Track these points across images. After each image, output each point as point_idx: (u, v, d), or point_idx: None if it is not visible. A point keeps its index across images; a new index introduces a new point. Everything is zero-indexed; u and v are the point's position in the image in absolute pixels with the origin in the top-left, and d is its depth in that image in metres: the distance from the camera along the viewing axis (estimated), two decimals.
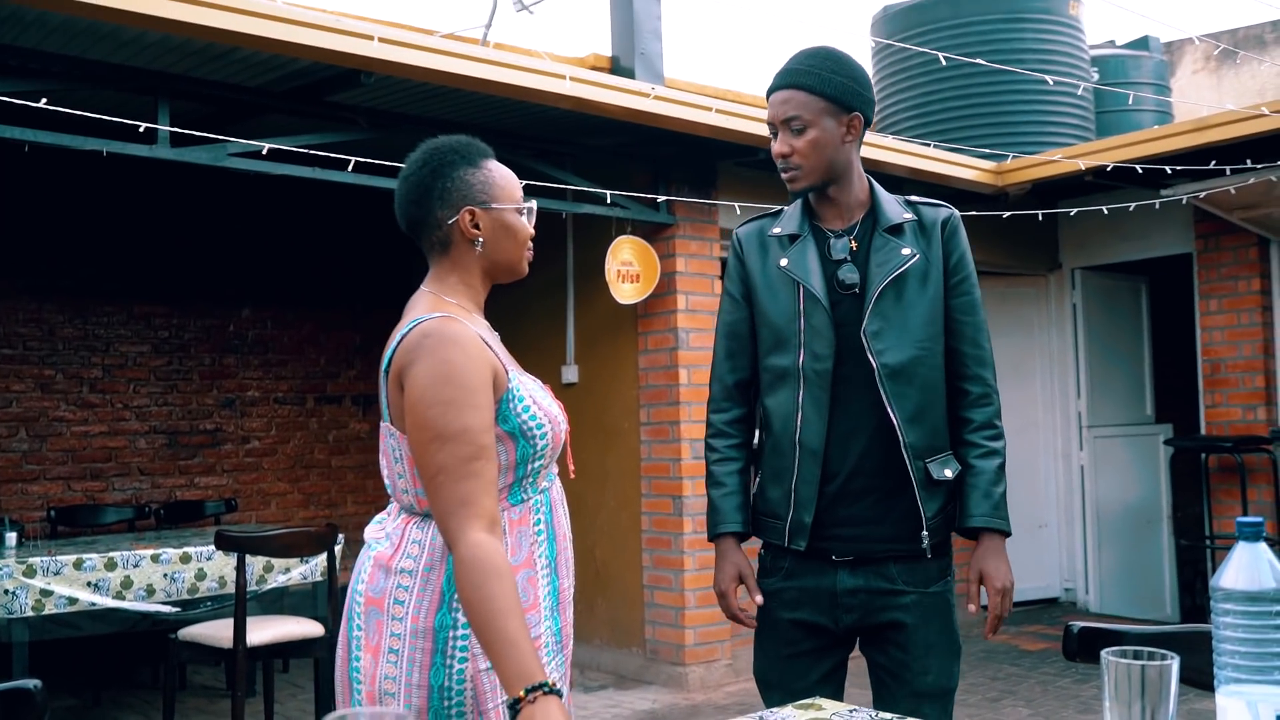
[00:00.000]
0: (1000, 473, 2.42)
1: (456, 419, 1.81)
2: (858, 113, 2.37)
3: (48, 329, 7.02)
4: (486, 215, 1.99)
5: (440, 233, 2.00)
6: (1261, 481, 7.09)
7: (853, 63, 2.41)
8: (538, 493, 1.97)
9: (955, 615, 2.42)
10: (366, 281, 8.16)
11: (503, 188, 2.02)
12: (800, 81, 2.36)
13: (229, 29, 4.15)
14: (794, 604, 2.42)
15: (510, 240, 2.03)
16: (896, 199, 2.48)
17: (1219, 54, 11.72)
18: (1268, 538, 6.72)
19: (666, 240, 6.29)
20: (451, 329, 1.87)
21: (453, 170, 1.99)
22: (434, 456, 1.82)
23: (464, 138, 2.06)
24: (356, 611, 1.94)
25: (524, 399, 1.92)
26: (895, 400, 2.33)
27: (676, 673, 6.11)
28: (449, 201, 1.98)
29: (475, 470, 1.81)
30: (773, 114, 2.40)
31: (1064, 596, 8.28)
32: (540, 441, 1.93)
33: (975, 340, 2.43)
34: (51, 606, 4.65)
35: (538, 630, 1.91)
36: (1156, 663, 1.31)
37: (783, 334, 2.42)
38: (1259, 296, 7.20)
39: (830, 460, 2.36)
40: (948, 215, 2.46)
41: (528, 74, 4.98)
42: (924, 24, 8.20)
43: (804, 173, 2.38)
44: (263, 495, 7.76)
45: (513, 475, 1.92)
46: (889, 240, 2.39)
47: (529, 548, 1.94)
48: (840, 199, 2.44)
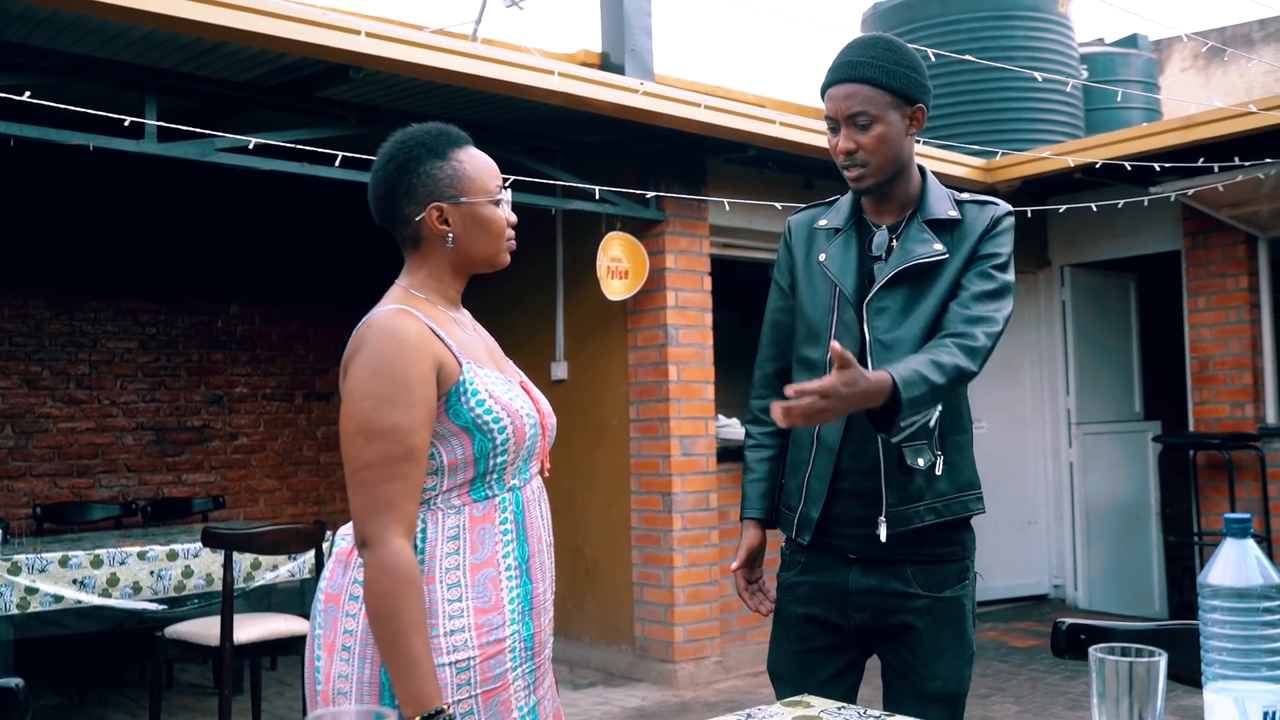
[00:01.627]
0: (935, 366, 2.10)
1: (386, 416, 1.78)
2: (921, 104, 2.31)
3: (34, 325, 6.98)
4: (455, 210, 1.93)
5: (410, 229, 1.95)
6: (1249, 478, 7.11)
7: (911, 51, 2.33)
8: (504, 490, 1.91)
9: (970, 621, 2.36)
10: (355, 277, 8.14)
11: (473, 179, 1.95)
12: (864, 75, 2.27)
13: (217, 23, 4.13)
14: (808, 599, 2.40)
15: (483, 233, 1.96)
16: (949, 195, 2.39)
17: (1207, 52, 11.75)
18: (1255, 534, 6.75)
19: (656, 237, 6.29)
20: (395, 322, 1.84)
21: (419, 165, 1.92)
22: (360, 452, 1.79)
23: (435, 127, 1.98)
24: (317, 609, 1.92)
25: (478, 393, 1.86)
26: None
27: (666, 670, 6.10)
28: (415, 198, 1.92)
29: (402, 472, 1.78)
30: (835, 109, 2.30)
31: (1053, 593, 8.30)
32: (500, 437, 1.86)
33: (970, 303, 2.24)
34: (37, 604, 4.63)
35: (501, 634, 1.85)
36: (1144, 660, 1.31)
37: (815, 328, 2.38)
38: (1247, 294, 7.22)
39: (844, 457, 2.32)
40: (993, 213, 2.34)
41: (517, 70, 4.97)
42: (914, 21, 8.22)
43: (871, 170, 2.30)
44: (251, 492, 7.74)
45: (473, 470, 1.87)
46: (924, 231, 2.32)
47: (492, 547, 1.88)
48: (895, 194, 2.37)
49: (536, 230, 6.68)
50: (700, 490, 6.24)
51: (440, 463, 1.85)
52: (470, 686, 1.82)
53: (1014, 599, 8.12)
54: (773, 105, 7.66)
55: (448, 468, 1.86)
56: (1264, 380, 7.25)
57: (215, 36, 4.28)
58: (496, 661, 1.85)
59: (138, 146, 4.51)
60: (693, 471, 6.21)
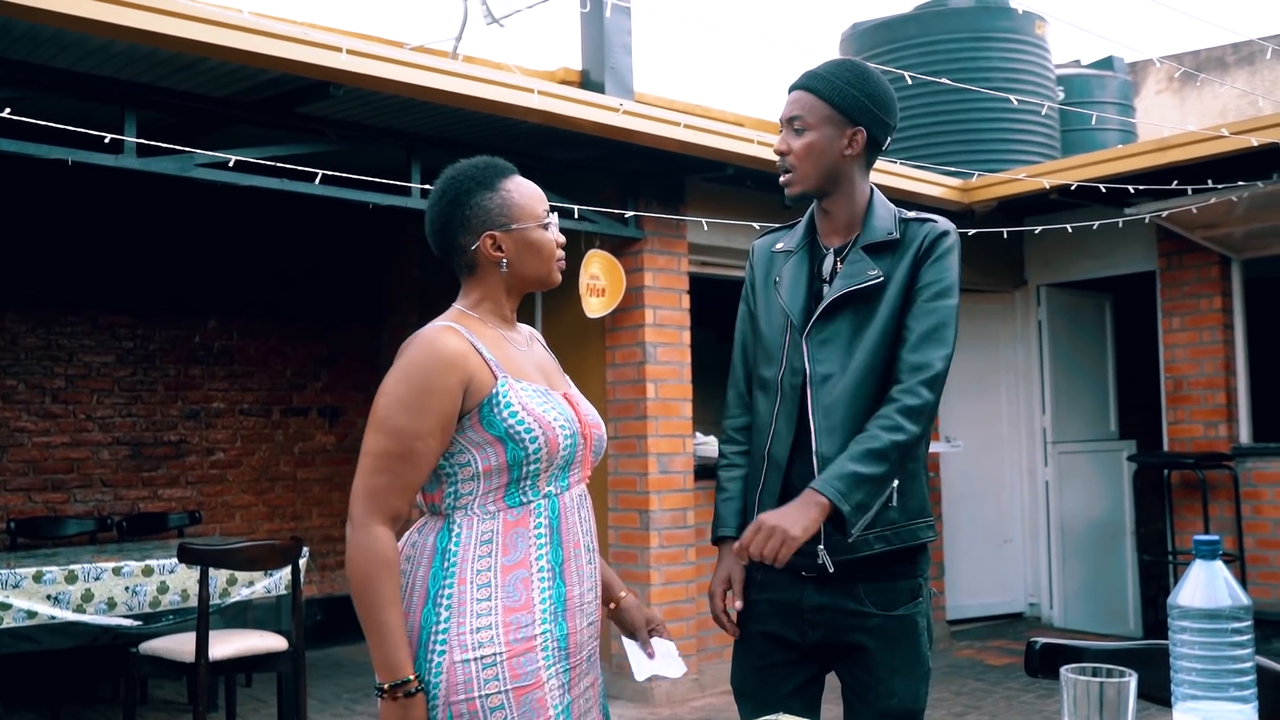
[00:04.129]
0: (869, 457, 2.19)
1: (396, 416, 1.95)
2: (862, 129, 2.36)
3: (10, 338, 6.94)
4: (508, 237, 2.09)
5: (466, 257, 2.10)
6: (1223, 498, 7.17)
7: (876, 81, 2.37)
8: (540, 497, 2.03)
9: (924, 637, 2.39)
10: (334, 293, 8.12)
11: (522, 206, 2.10)
12: (812, 85, 2.37)
13: (197, 39, 4.13)
14: (764, 616, 2.43)
15: (535, 256, 2.12)
16: (893, 214, 2.42)
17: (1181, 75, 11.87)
18: (1228, 554, 6.81)
19: (634, 254, 6.30)
20: (435, 337, 1.99)
21: (470, 197, 2.08)
22: (368, 440, 1.98)
23: (482, 160, 2.14)
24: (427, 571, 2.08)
25: (511, 405, 1.99)
26: (817, 409, 2.32)
27: (642, 687, 6.09)
28: (470, 228, 2.08)
29: (395, 469, 1.94)
30: (782, 112, 2.42)
31: (1029, 611, 8.32)
32: (531, 446, 1.99)
33: (915, 346, 2.27)
34: (10, 620, 4.59)
35: (531, 631, 1.97)
36: (1114, 680, 1.32)
37: (769, 349, 2.44)
38: (1220, 314, 7.28)
39: (792, 475, 2.35)
40: (929, 230, 2.36)
41: (497, 87, 4.99)
42: (891, 42, 8.27)
43: (797, 176, 2.39)
44: (227, 508, 7.70)
45: (507, 476, 2.00)
46: (862, 258, 2.36)
47: (525, 549, 2.00)
48: (835, 213, 2.43)
49: None
50: (678, 508, 6.25)
51: (475, 469, 2.00)
52: (499, 681, 1.93)
53: (989, 617, 8.14)
54: (751, 124, 7.69)
55: (483, 473, 2.00)
56: (1237, 400, 7.31)
57: (195, 52, 4.27)
58: (527, 659, 1.96)
59: (117, 161, 4.50)
60: (670, 489, 6.21)
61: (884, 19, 8.55)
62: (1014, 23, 8.26)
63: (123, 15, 3.95)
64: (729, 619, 2.49)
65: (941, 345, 2.28)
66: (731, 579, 2.47)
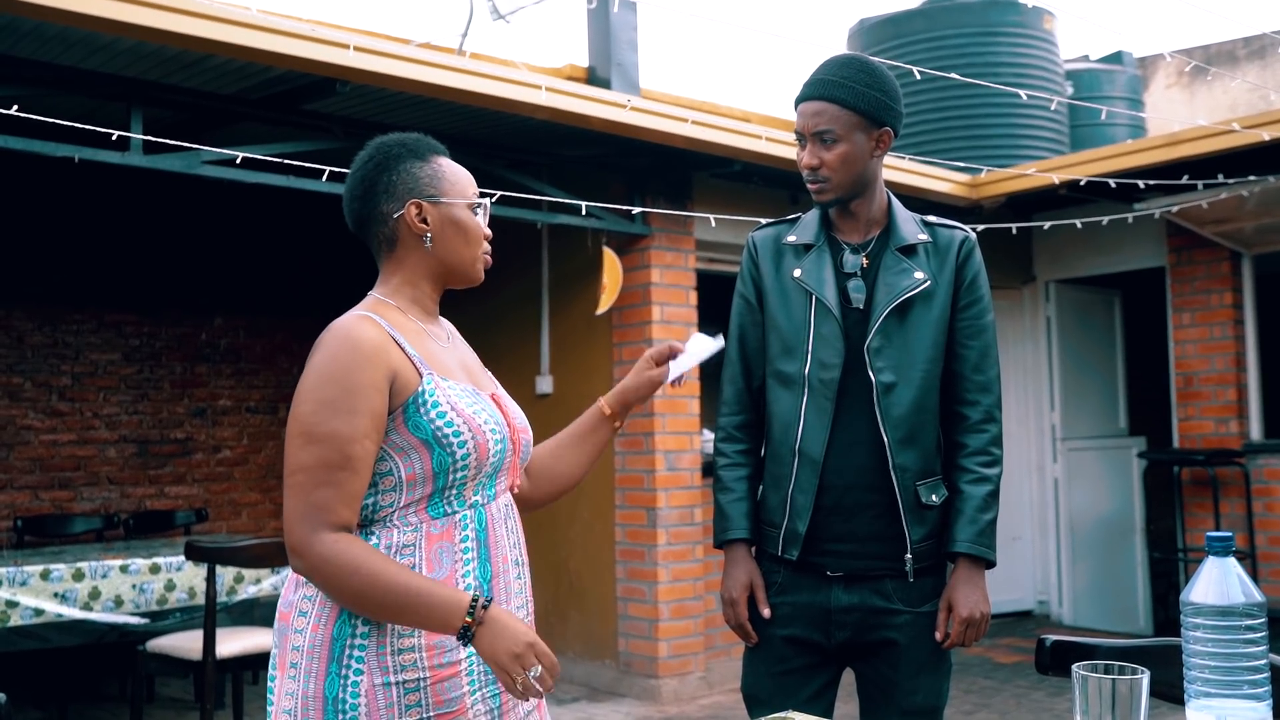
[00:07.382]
0: (990, 500, 2.38)
1: (327, 421, 1.74)
2: (888, 127, 2.37)
3: (16, 336, 6.95)
4: (435, 209, 1.91)
5: (386, 228, 1.92)
6: (1234, 494, 7.13)
7: (885, 75, 2.38)
8: (465, 507, 1.85)
9: None
10: (340, 290, 8.05)
11: (453, 183, 1.94)
12: (833, 94, 2.33)
13: (203, 36, 4.13)
14: (786, 620, 2.39)
15: (461, 238, 1.94)
16: (914, 218, 2.46)
17: (1191, 69, 11.83)
18: (1239, 551, 6.78)
19: (641, 251, 6.29)
20: (353, 328, 1.81)
21: (399, 164, 1.92)
22: (297, 455, 1.76)
23: (414, 134, 1.99)
24: (275, 628, 1.90)
25: (439, 404, 1.81)
26: (888, 421, 2.32)
27: (650, 685, 6.09)
28: (395, 195, 1.91)
29: (337, 480, 1.73)
30: (803, 124, 2.37)
31: (1038, 609, 8.30)
32: (459, 451, 1.81)
33: (978, 365, 2.40)
34: (17, 618, 4.60)
35: (455, 656, 1.80)
36: (1127, 677, 1.31)
37: (790, 342, 2.40)
38: (1231, 310, 7.25)
39: (828, 471, 2.34)
40: (964, 238, 2.44)
41: (504, 84, 4.98)
42: (899, 37, 8.25)
43: (832, 186, 2.37)
44: (234, 505, 7.71)
45: (431, 485, 1.82)
46: (900, 260, 2.37)
47: (450, 566, 1.82)
48: (860, 213, 2.43)
49: (522, 245, 6.68)
50: (685, 505, 6.23)
51: (398, 477, 1.81)
52: (421, 709, 1.77)
53: (999, 615, 8.11)
54: (759, 120, 7.68)
55: (405, 482, 1.81)
56: (1248, 396, 7.28)
57: (202, 49, 4.27)
58: (451, 684, 1.80)
59: (123, 159, 4.50)
60: (677, 486, 6.20)
61: (892, 14, 8.53)
62: (1022, 17, 8.23)
63: (129, 13, 3.95)
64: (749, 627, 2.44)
65: (995, 364, 2.45)
66: (754, 583, 2.43)
